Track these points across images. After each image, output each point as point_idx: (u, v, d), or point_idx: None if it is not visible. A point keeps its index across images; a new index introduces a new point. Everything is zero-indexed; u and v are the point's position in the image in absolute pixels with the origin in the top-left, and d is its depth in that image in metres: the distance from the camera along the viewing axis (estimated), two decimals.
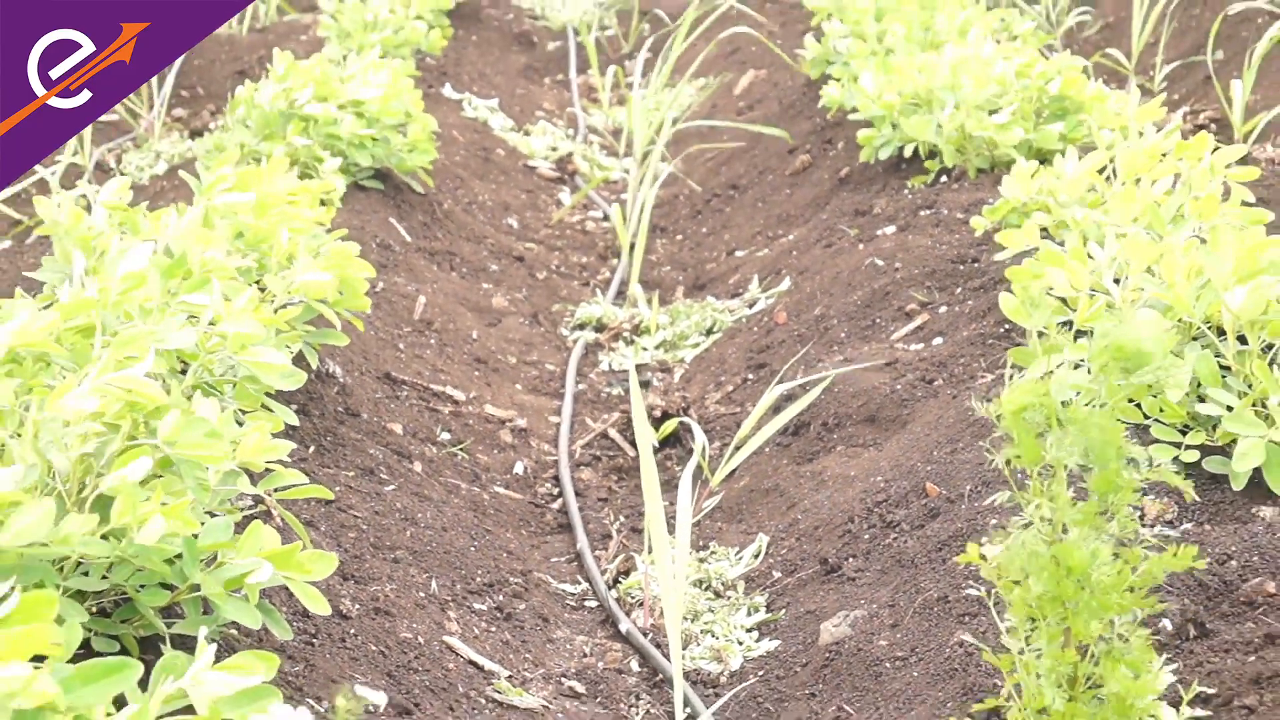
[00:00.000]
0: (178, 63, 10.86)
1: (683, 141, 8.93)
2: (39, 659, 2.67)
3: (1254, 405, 4.24)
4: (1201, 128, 7.92)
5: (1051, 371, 4.21)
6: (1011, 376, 4.77)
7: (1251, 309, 4.33)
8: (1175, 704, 3.27)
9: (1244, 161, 5.67)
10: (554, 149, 9.70)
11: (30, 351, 4.13)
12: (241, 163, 6.22)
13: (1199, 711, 3.30)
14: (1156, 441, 4.34)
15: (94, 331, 4.34)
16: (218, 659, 2.96)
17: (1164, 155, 5.56)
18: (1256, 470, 4.19)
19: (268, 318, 4.61)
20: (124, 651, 3.50)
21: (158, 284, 4.59)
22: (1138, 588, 3.19)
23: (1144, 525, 4.05)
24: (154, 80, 10.00)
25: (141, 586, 3.61)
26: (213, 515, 3.74)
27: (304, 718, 2.81)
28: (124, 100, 10.20)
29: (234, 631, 3.73)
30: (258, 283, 5.02)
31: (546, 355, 6.77)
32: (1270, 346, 4.40)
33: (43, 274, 5.07)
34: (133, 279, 4.54)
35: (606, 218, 8.51)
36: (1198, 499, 4.15)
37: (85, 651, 3.17)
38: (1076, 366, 4.42)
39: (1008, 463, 3.33)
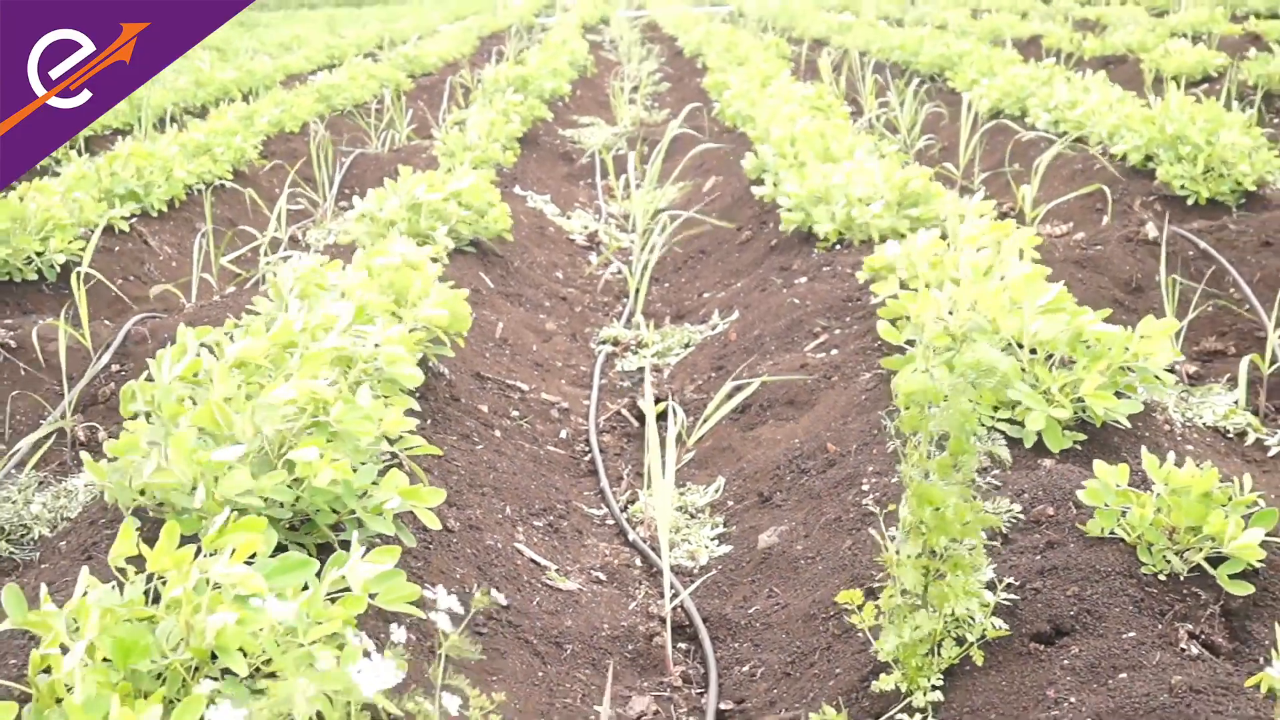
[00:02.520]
0: (342, 170, 10.98)
1: (669, 223, 9.02)
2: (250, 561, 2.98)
3: (1042, 394, 4.30)
4: (1004, 215, 7.96)
5: (930, 369, 4.27)
6: (886, 376, 4.84)
7: (1041, 335, 4.41)
8: (992, 588, 3.30)
9: (1035, 237, 5.73)
10: (585, 227, 9.80)
11: (251, 361, 4.17)
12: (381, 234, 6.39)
13: (1005, 594, 3.33)
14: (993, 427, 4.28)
15: (293, 347, 4.37)
16: (365, 557, 3.12)
17: (984, 234, 5.48)
18: (1040, 435, 4.24)
19: (405, 338, 4.70)
20: (307, 554, 3.46)
21: (349, 319, 4.61)
22: (972, 521, 3.28)
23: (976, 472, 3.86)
24: (325, 182, 9.98)
25: (318, 511, 3.65)
26: (364, 464, 3.75)
27: (442, 594, 2.85)
28: (307, 195, 10.21)
29: (377, 540, 3.64)
30: (394, 313, 5.11)
31: (581, 361, 6.79)
32: (1050, 356, 4.46)
33: (260, 309, 5.06)
34: (325, 321, 4.57)
35: (620, 272, 8.57)
36: (1008, 458, 3.83)
37: (281, 554, 3.26)
38: (925, 370, 4.36)
39: (896, 430, 3.56)
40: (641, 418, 5.38)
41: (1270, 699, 2.76)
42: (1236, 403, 5.38)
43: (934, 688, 3.20)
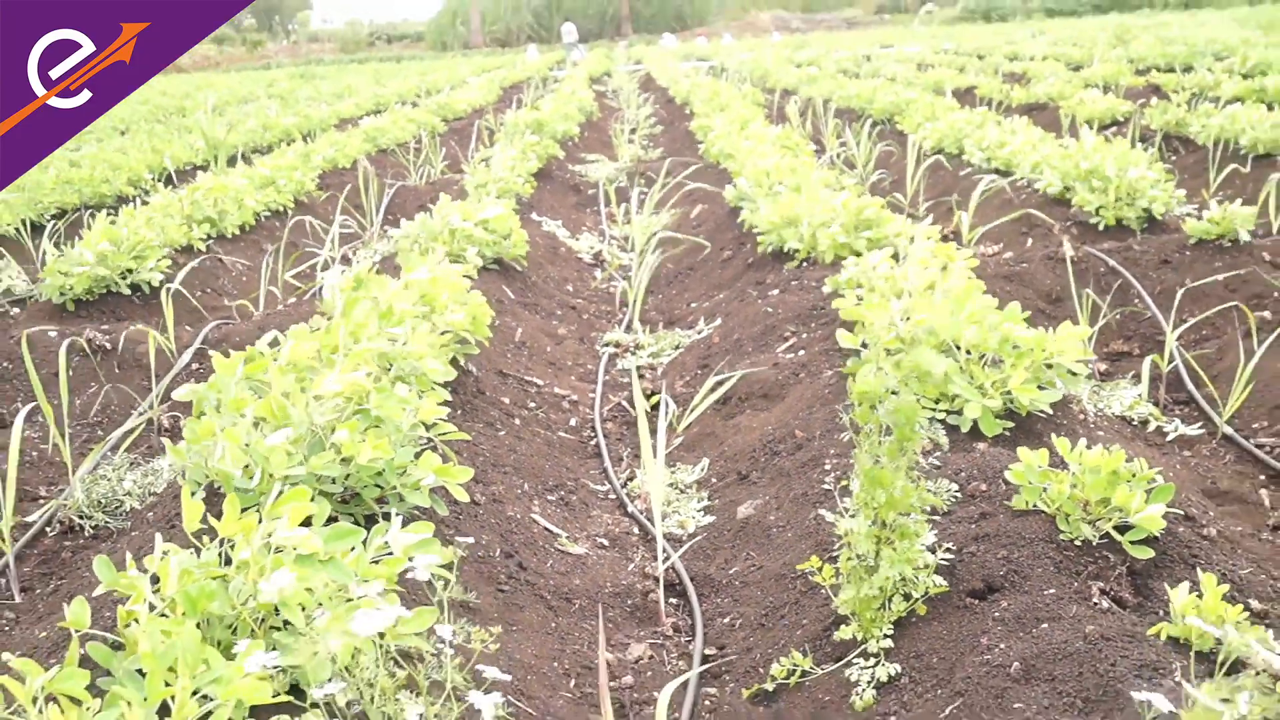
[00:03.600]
0: (386, 199, 10.93)
1: (662, 244, 9.06)
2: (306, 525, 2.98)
3: (977, 389, 4.30)
4: (945, 238, 7.97)
5: (882, 369, 4.16)
6: (845, 376, 4.83)
7: (975, 339, 4.42)
8: (933, 551, 3.32)
9: (970, 256, 5.74)
10: (592, 248, 9.80)
11: (302, 361, 4.17)
12: (420, 254, 6.39)
13: (945, 557, 3.33)
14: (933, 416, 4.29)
15: (337, 349, 4.34)
16: (404, 526, 3.15)
17: (927, 251, 5.42)
18: (975, 423, 4.25)
19: (434, 339, 4.72)
20: (355, 523, 3.52)
21: (376, 324, 4.63)
22: (917, 500, 3.33)
23: (919, 454, 3.86)
24: (372, 209, 9.94)
25: (364, 486, 3.65)
26: (403, 447, 3.75)
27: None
28: (356, 220, 10.07)
29: (416, 512, 3.78)
30: (427, 318, 5.09)
31: (588, 360, 6.76)
32: (983, 356, 4.45)
33: (318, 317, 4.99)
34: (361, 321, 4.59)
35: (620, 285, 8.62)
36: (946, 443, 4.14)
37: (332, 524, 3.35)
38: (879, 369, 4.48)
39: (852, 422, 3.56)
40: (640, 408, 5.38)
41: (1167, 645, 2.77)
42: (1140, 396, 5.39)
43: (885, 636, 3.24)
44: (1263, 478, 4.69)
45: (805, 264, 7.26)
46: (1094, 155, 8.44)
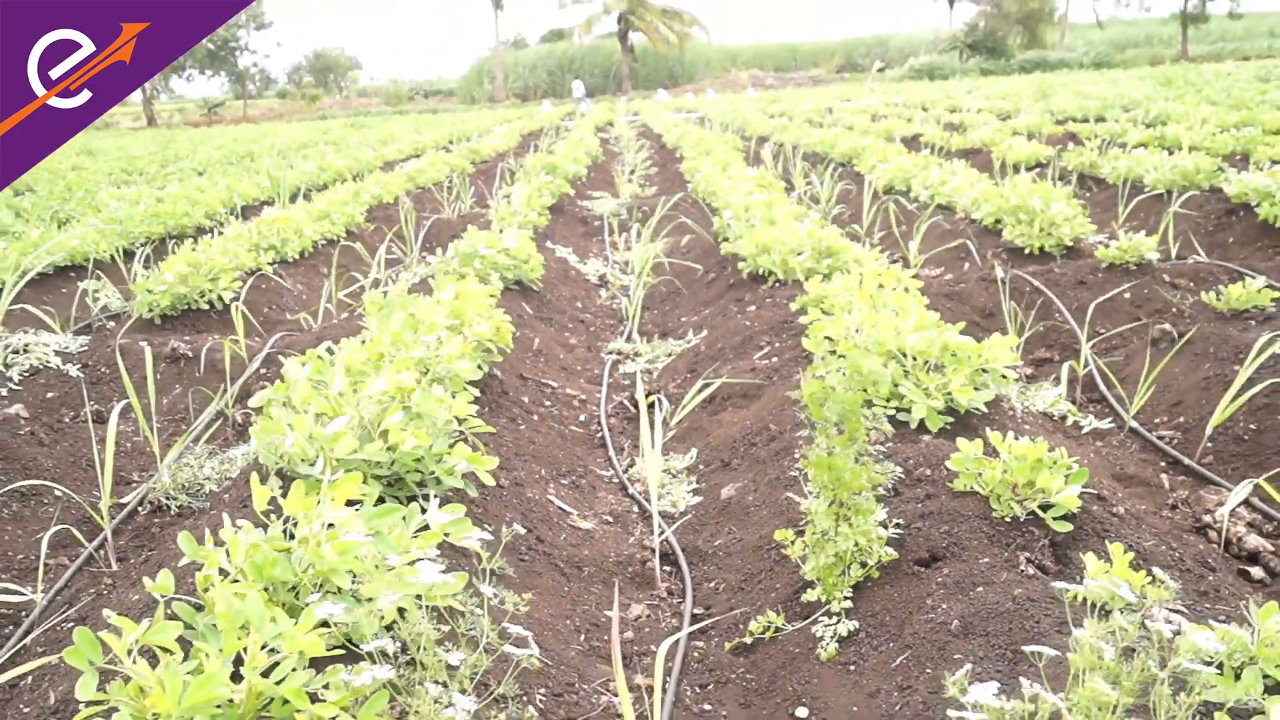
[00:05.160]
0: (424, 230, 10.88)
1: (657, 268, 9.09)
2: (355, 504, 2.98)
3: (922, 390, 4.30)
4: (895, 262, 7.97)
5: (825, 375, 4.29)
6: (807, 377, 4.88)
7: (918, 346, 4.44)
8: (885, 526, 3.33)
9: (915, 278, 5.78)
10: (597, 271, 9.77)
11: (354, 366, 4.21)
12: (452, 277, 6.40)
13: (895, 531, 3.35)
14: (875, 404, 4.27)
15: (383, 356, 4.40)
16: (440, 507, 3.19)
17: (879, 274, 5.49)
18: (921, 420, 4.25)
19: (463, 347, 4.73)
20: (399, 503, 3.54)
21: (410, 334, 4.66)
22: (866, 480, 3.39)
23: (871, 445, 3.97)
24: (411, 238, 9.90)
25: (407, 471, 3.64)
26: (440, 438, 3.76)
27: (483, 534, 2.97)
28: (398, 247, 9.95)
29: (450, 494, 3.78)
30: (459, 330, 5.12)
31: (594, 366, 6.74)
32: (928, 363, 4.44)
33: (367, 329, 5.09)
34: (396, 333, 4.62)
35: (622, 302, 8.64)
36: (895, 432, 4.10)
37: (380, 504, 3.36)
38: (821, 376, 4.44)
39: (806, 418, 3.58)
40: (639, 406, 5.38)
41: (1082, 605, 2.77)
42: (1060, 395, 5.39)
43: (846, 598, 3.24)
44: (1163, 464, 4.69)
45: (777, 284, 7.25)
46: (1021, 193, 8.45)
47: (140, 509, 4.49)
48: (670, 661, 3.29)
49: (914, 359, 4.45)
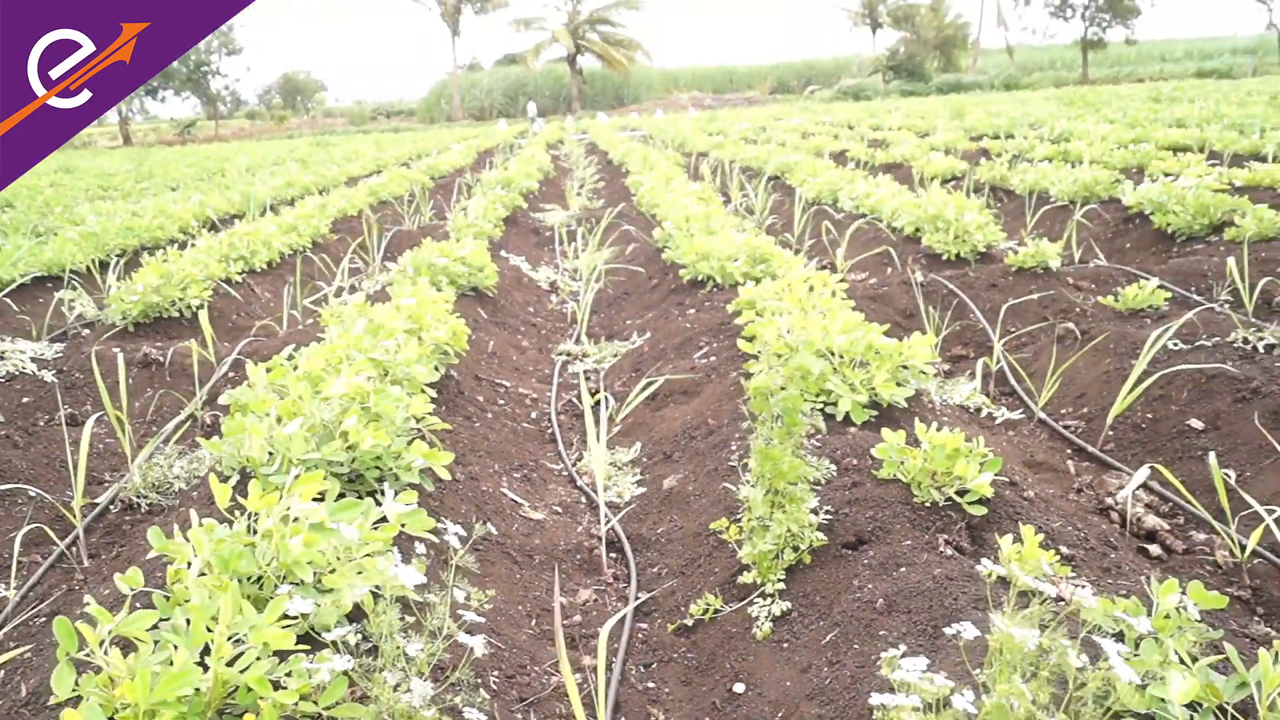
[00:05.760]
0: (385, 240, 10.73)
1: (604, 275, 9.05)
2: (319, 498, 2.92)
3: (849, 386, 4.32)
4: (824, 268, 7.99)
5: (772, 370, 4.31)
6: (746, 376, 4.83)
7: (845, 346, 4.44)
8: (816, 513, 3.34)
9: (842, 282, 5.80)
10: (548, 278, 9.69)
11: (313, 370, 4.11)
12: (411, 284, 6.32)
13: (825, 517, 3.34)
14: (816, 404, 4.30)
15: (342, 361, 4.31)
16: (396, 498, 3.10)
17: (809, 279, 5.52)
18: (848, 413, 4.24)
19: (421, 350, 4.68)
20: (359, 498, 3.38)
21: (369, 339, 4.57)
22: (803, 471, 3.40)
23: (804, 437, 3.93)
24: (374, 248, 9.78)
25: (366, 469, 3.58)
26: (398, 436, 3.71)
27: (450, 525, 2.91)
28: (361, 257, 9.90)
29: (408, 489, 3.58)
30: (416, 334, 5.07)
31: (545, 366, 6.68)
32: (854, 360, 4.45)
33: (327, 335, 5.00)
34: (356, 338, 4.54)
35: (572, 306, 8.60)
36: (825, 428, 4.11)
37: (341, 499, 3.29)
38: (768, 370, 4.43)
39: (750, 412, 3.57)
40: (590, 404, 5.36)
41: (997, 583, 2.78)
42: (975, 389, 5.42)
43: (779, 580, 3.23)
44: (1069, 452, 4.73)
45: (715, 289, 7.25)
46: (938, 204, 8.51)
47: (112, 508, 4.38)
48: (615, 643, 3.26)
49: (841, 357, 4.46)
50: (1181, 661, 2.20)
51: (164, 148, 48.56)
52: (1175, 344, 5.19)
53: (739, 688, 2.95)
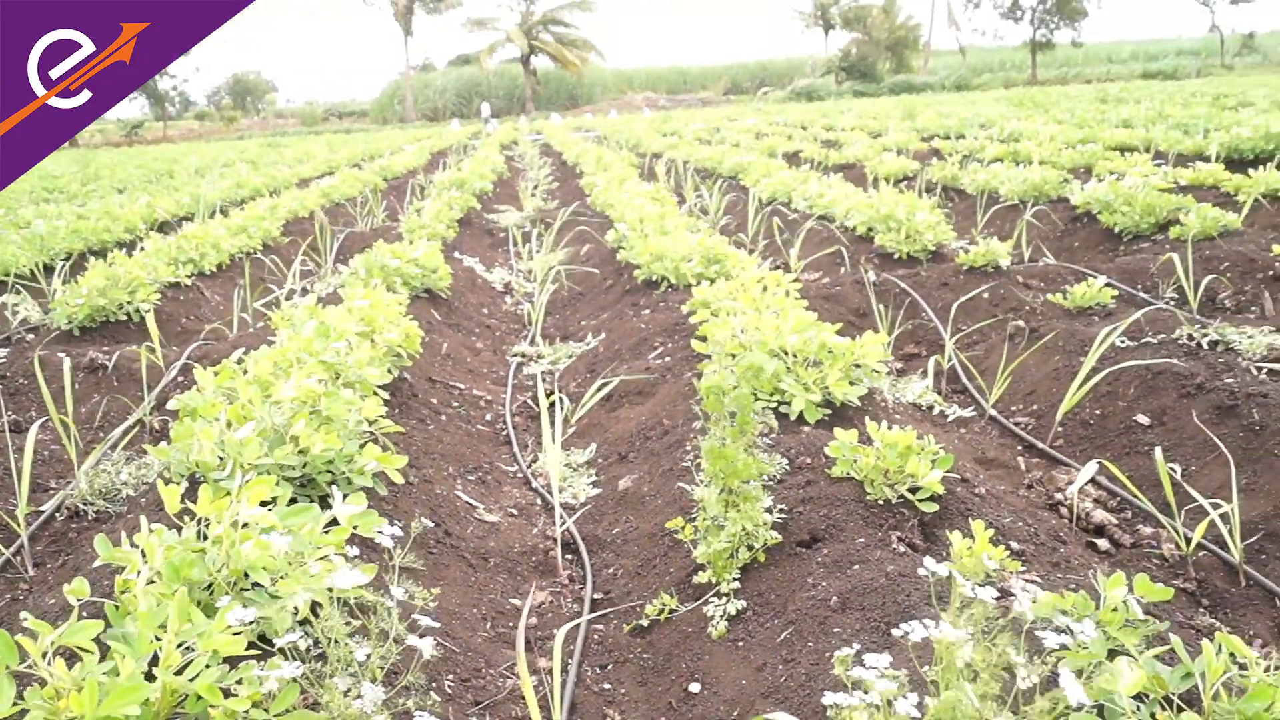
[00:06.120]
0: (337, 242, 10.65)
1: (558, 276, 9.03)
2: (270, 504, 2.89)
3: (802, 385, 4.36)
4: (777, 267, 8.04)
5: (724, 370, 4.29)
6: (701, 375, 4.84)
7: (798, 345, 4.47)
8: (770, 511, 3.35)
9: (795, 281, 5.83)
10: (503, 279, 9.64)
11: (263, 375, 4.07)
12: (363, 286, 6.27)
13: (779, 515, 3.36)
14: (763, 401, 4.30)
15: (293, 364, 4.28)
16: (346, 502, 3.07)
17: (762, 279, 5.55)
18: (801, 412, 4.27)
19: (373, 353, 4.65)
20: (311, 502, 3.34)
21: (320, 342, 4.54)
22: (756, 469, 3.41)
23: (758, 436, 3.92)
24: (326, 250, 9.69)
25: (318, 473, 3.56)
26: (351, 440, 3.68)
27: (395, 529, 2.90)
28: (313, 259, 9.84)
29: (361, 492, 3.47)
30: (370, 337, 5.06)
31: (500, 368, 6.61)
32: (808, 359, 4.48)
33: (277, 338, 4.97)
34: (307, 341, 4.51)
35: (525, 308, 8.58)
36: (778, 427, 4.14)
37: (293, 504, 3.24)
38: (719, 370, 4.42)
39: (702, 411, 3.57)
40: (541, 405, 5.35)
41: (949, 578, 2.81)
42: (927, 387, 5.46)
43: (734, 579, 3.23)
44: (1019, 448, 4.79)
45: (670, 289, 7.26)
46: (890, 204, 8.58)
47: (58, 515, 4.29)
48: (571, 644, 3.26)
49: (794, 356, 4.48)
50: (1128, 654, 2.24)
51: (111, 149, 47.80)
52: (1123, 341, 5.27)
53: (695, 687, 2.95)
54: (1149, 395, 4.72)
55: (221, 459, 3.37)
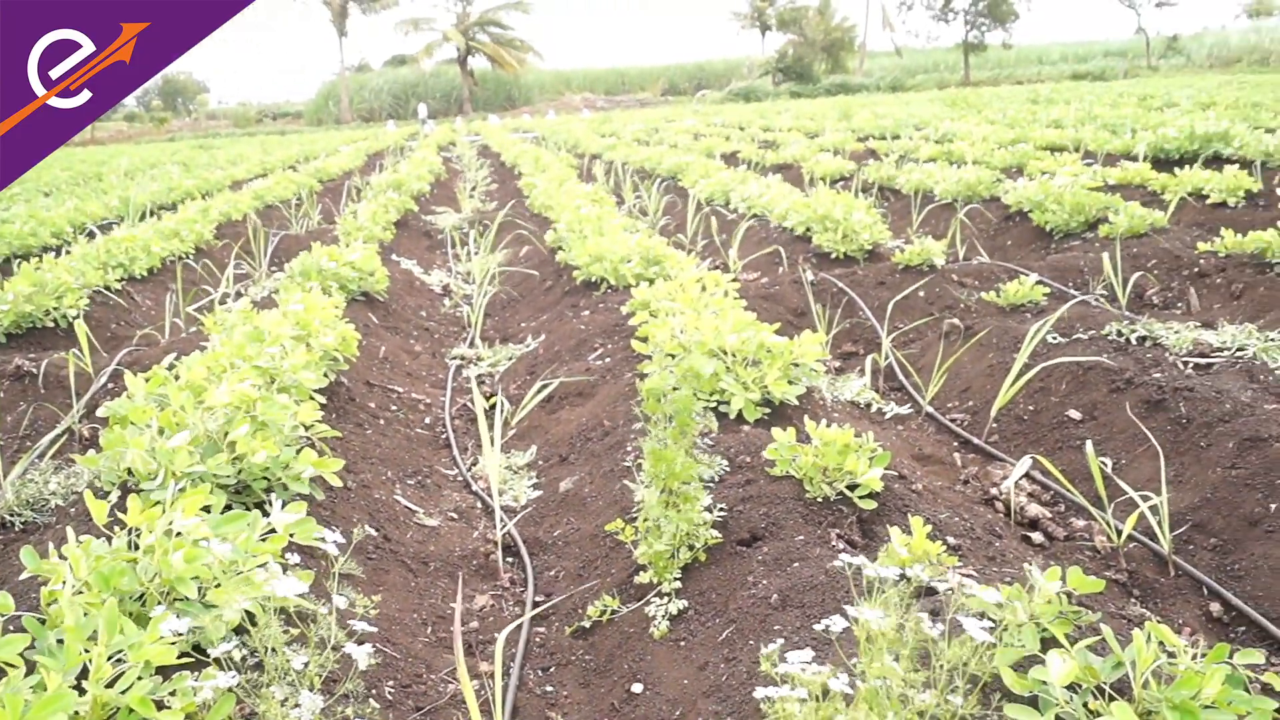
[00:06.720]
0: (272, 245, 10.50)
1: (497, 278, 9.00)
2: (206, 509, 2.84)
3: (741, 384, 4.37)
4: (716, 268, 8.09)
5: (665, 371, 4.34)
6: (641, 376, 4.85)
7: (737, 345, 4.48)
8: (710, 510, 3.36)
9: (734, 281, 5.84)
10: (441, 281, 9.56)
11: (195, 380, 4.01)
12: (298, 289, 6.19)
13: (719, 514, 3.38)
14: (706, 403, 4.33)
15: (226, 370, 4.23)
16: (285, 508, 3.04)
17: (701, 279, 5.61)
18: (740, 411, 4.28)
19: (309, 357, 4.58)
20: (247, 510, 3.29)
21: (254, 346, 4.48)
22: (696, 471, 3.41)
23: (698, 436, 3.97)
24: (260, 254, 9.56)
25: (254, 479, 3.51)
26: (287, 445, 3.66)
27: (338, 534, 2.87)
28: (248, 263, 9.73)
29: (297, 498, 3.61)
30: (306, 341, 5.03)
31: (439, 371, 6.55)
32: (747, 359, 4.49)
33: (210, 342, 4.85)
34: (240, 345, 4.44)
35: (465, 309, 8.53)
36: (718, 427, 4.19)
37: (228, 511, 3.20)
38: (661, 372, 4.47)
39: (642, 413, 3.57)
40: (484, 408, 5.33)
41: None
42: (865, 385, 5.52)
43: (675, 579, 3.24)
44: (956, 444, 4.85)
45: (610, 290, 7.27)
46: (827, 204, 8.66)
47: None
48: (513, 648, 3.24)
49: (734, 356, 4.50)
50: (1060, 645, 2.28)
51: None
52: (1054, 338, 5.37)
53: (637, 688, 2.95)
54: (1081, 390, 4.81)
55: (154, 467, 3.31)
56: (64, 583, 2.52)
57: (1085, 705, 2.14)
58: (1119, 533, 3.61)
